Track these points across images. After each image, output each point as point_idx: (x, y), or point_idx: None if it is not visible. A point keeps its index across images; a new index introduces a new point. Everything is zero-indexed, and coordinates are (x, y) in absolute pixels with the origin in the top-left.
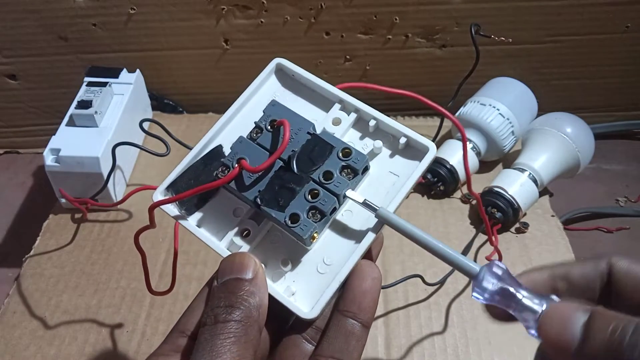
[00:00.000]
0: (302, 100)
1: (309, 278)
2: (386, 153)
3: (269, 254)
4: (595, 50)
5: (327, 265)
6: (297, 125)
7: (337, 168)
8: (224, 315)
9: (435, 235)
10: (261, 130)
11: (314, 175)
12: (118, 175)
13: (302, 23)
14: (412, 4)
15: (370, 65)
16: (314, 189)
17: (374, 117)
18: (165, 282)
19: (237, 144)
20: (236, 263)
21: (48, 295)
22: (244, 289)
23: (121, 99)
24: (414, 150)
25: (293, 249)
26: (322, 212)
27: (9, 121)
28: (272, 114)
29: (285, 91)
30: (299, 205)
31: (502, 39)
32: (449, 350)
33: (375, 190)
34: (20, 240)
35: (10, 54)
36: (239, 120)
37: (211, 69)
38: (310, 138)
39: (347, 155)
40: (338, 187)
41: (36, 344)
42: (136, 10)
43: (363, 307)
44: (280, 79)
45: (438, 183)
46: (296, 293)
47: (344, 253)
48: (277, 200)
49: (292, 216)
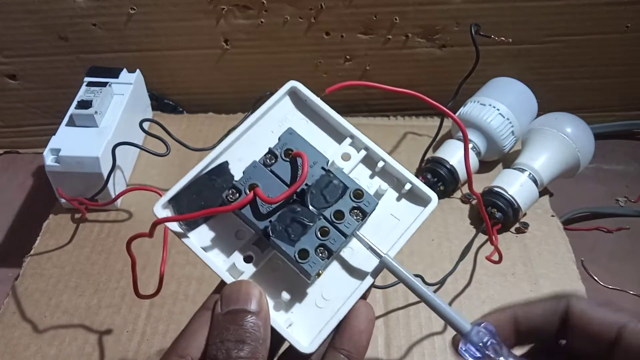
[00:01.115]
0: (314, 127)
1: (307, 311)
2: (390, 195)
3: (270, 283)
4: (595, 50)
5: (325, 300)
6: (312, 158)
7: (348, 208)
8: (236, 351)
9: (435, 235)
10: (275, 158)
11: (325, 213)
12: (118, 175)
13: (302, 23)
14: (412, 4)
15: (370, 65)
16: (324, 226)
17: (383, 158)
18: (166, 281)
19: (250, 168)
20: (242, 293)
21: (48, 295)
22: (251, 322)
23: (121, 99)
24: (417, 197)
25: (293, 280)
26: (330, 250)
27: (9, 121)
28: (288, 142)
29: (297, 114)
30: (309, 241)
31: (502, 39)
32: (449, 350)
33: (375, 230)
34: (20, 240)
35: (11, 54)
36: (249, 139)
37: (211, 69)
38: (325, 174)
39: (359, 197)
40: (348, 228)
41: (36, 344)
42: (136, 10)
43: (358, 346)
44: (294, 102)
45: (438, 183)
46: (294, 325)
47: (343, 290)
48: (287, 233)
49: (301, 252)
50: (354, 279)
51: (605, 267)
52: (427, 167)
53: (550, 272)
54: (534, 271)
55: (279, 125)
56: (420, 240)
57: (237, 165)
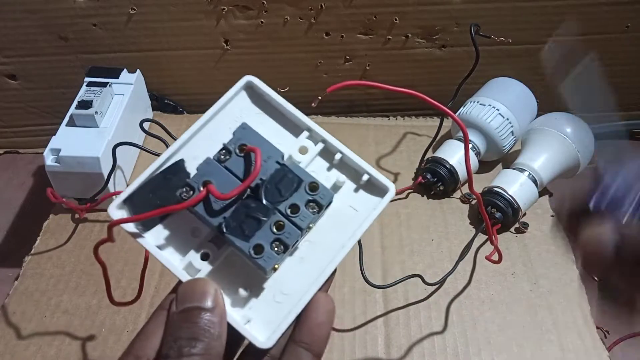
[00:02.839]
0: (271, 122)
1: (265, 306)
2: (348, 187)
3: (227, 279)
4: (596, 51)
5: (284, 295)
6: (267, 153)
7: (303, 201)
8: (188, 348)
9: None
10: (229, 154)
11: (280, 207)
12: (118, 175)
13: (302, 23)
14: (412, 4)
15: (370, 65)
16: (279, 220)
17: (340, 150)
18: (165, 281)
19: (204, 165)
20: (197, 290)
21: (48, 295)
22: (206, 319)
23: (121, 99)
24: (375, 188)
25: (251, 276)
26: (286, 245)
27: (9, 121)
28: (242, 137)
29: (254, 109)
30: (264, 236)
31: (502, 39)
32: (449, 350)
33: (334, 222)
34: (20, 240)
35: (11, 54)
36: (204, 135)
37: (211, 69)
38: (279, 168)
39: (314, 189)
40: (303, 221)
41: (36, 344)
42: (136, 10)
43: (317, 338)
44: (250, 97)
45: (438, 183)
46: (252, 321)
47: (301, 284)
48: (242, 229)
49: (256, 247)
50: (312, 272)
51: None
52: (427, 167)
53: (550, 272)
54: (534, 271)
55: (235, 121)
56: (420, 240)
57: (192, 163)
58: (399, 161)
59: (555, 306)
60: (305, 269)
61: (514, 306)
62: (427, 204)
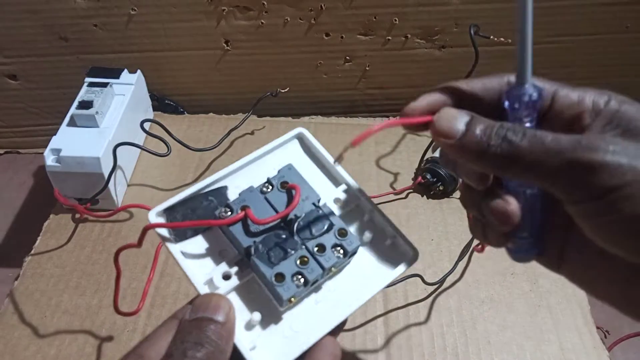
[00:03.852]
0: (315, 168)
1: (273, 338)
2: (375, 244)
3: (243, 303)
4: (595, 50)
5: (293, 332)
6: (305, 193)
7: (331, 244)
8: (192, 351)
9: (434, 235)
10: (272, 187)
11: (308, 244)
12: (119, 175)
13: (302, 24)
14: (412, 5)
15: (370, 66)
16: (304, 256)
17: (371, 210)
18: (166, 281)
19: (246, 192)
20: (212, 303)
21: (48, 295)
22: (215, 331)
23: (122, 99)
24: (401, 251)
25: (266, 306)
26: (307, 280)
27: (9, 121)
28: (286, 175)
29: (301, 154)
30: (288, 267)
31: (502, 40)
32: (449, 350)
33: (355, 275)
34: (20, 240)
35: (11, 54)
36: (251, 171)
37: (212, 70)
38: (315, 209)
39: (343, 235)
40: (327, 262)
41: (36, 344)
42: (137, 11)
43: None
44: (301, 144)
45: (438, 183)
46: (257, 348)
47: (312, 325)
48: (268, 255)
49: (277, 275)
50: (325, 315)
51: None
52: (427, 167)
53: (549, 272)
54: (534, 271)
55: (282, 162)
56: (420, 240)
57: (234, 192)
58: (399, 161)
59: (555, 306)
60: (318, 312)
61: (513, 306)
62: (427, 204)
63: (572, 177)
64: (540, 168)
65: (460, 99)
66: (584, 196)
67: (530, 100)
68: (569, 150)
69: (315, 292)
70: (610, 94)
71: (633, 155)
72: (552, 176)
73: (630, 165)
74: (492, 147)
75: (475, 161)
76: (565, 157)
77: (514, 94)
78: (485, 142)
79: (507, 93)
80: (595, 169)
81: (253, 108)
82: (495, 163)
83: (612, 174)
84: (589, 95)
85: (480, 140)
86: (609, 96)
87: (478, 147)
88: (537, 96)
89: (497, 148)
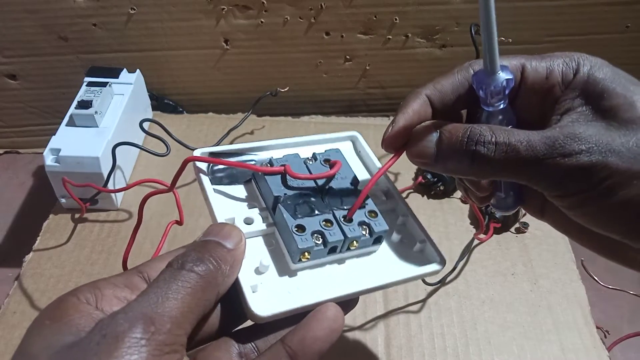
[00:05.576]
0: (362, 168)
1: (277, 289)
2: (403, 245)
3: (257, 251)
4: (595, 50)
5: (298, 290)
6: (345, 172)
7: (359, 220)
8: (191, 264)
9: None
10: (315, 160)
11: (337, 212)
12: (118, 175)
13: (302, 23)
14: (412, 4)
15: (370, 65)
16: (329, 220)
17: (406, 214)
18: None
19: (290, 156)
20: (224, 230)
21: (48, 295)
22: (220, 252)
23: (121, 99)
24: (427, 255)
25: (279, 261)
26: (325, 241)
27: (9, 121)
28: (332, 155)
29: (352, 155)
30: (310, 223)
31: (502, 39)
32: (449, 350)
33: (376, 263)
34: (20, 240)
35: (10, 54)
36: (297, 151)
37: (211, 69)
38: (351, 187)
39: (373, 216)
40: (350, 232)
41: None
42: (136, 10)
43: (307, 350)
44: (353, 145)
45: (438, 183)
46: (258, 291)
47: (319, 289)
48: (295, 208)
49: (299, 226)
50: (333, 285)
51: (605, 266)
52: None
53: (550, 272)
54: (534, 271)
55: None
56: None
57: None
58: (399, 161)
59: (555, 306)
60: (330, 281)
61: (514, 306)
62: (427, 204)
63: (550, 179)
64: (517, 175)
65: (437, 103)
66: (564, 193)
67: (500, 87)
68: (545, 156)
69: (330, 264)
70: (579, 58)
71: (606, 149)
72: (529, 179)
73: (605, 162)
74: (466, 164)
75: (455, 175)
76: (541, 164)
77: (485, 83)
78: (457, 161)
79: (478, 83)
80: (573, 173)
81: (252, 107)
82: (472, 175)
83: (591, 172)
84: (558, 65)
85: (452, 159)
86: (577, 63)
87: (454, 167)
88: (506, 83)
89: (471, 165)
